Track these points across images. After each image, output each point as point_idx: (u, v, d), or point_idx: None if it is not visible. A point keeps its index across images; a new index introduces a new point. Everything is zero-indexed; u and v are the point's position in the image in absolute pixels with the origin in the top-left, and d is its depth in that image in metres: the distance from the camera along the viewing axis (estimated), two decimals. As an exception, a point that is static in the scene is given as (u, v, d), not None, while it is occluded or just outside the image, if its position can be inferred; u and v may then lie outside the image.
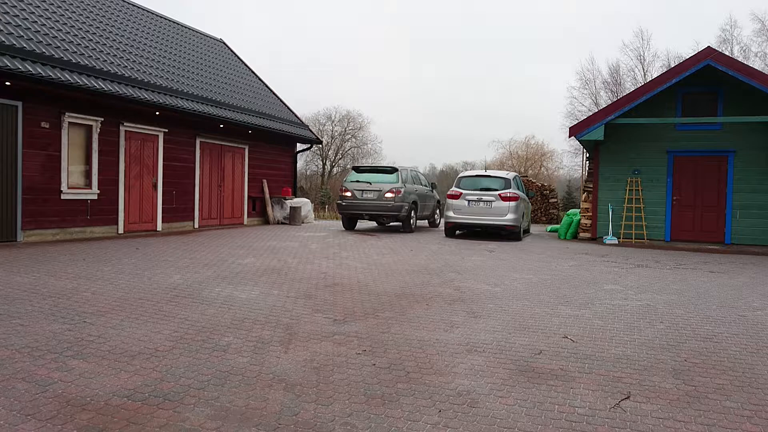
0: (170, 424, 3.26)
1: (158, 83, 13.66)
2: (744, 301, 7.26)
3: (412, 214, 15.74)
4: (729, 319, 6.22)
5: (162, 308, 5.95)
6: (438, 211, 18.61)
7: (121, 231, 12.83)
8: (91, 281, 7.19)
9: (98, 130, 12.20)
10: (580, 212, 16.17)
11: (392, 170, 15.34)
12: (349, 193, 15.16)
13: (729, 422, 3.50)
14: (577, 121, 18.52)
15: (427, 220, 18.13)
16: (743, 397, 3.92)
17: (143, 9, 17.54)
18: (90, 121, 12.02)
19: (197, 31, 19.85)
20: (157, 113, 13.48)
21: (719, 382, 4.19)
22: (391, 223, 16.72)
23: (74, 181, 11.82)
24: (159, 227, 13.92)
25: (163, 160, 14.05)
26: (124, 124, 12.83)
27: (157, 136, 13.86)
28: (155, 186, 13.81)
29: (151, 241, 11.88)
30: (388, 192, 14.75)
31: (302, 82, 74.88)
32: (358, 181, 15.20)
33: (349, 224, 16.12)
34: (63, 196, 11.47)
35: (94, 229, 12.22)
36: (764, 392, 4.01)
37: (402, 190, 14.85)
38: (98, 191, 12.25)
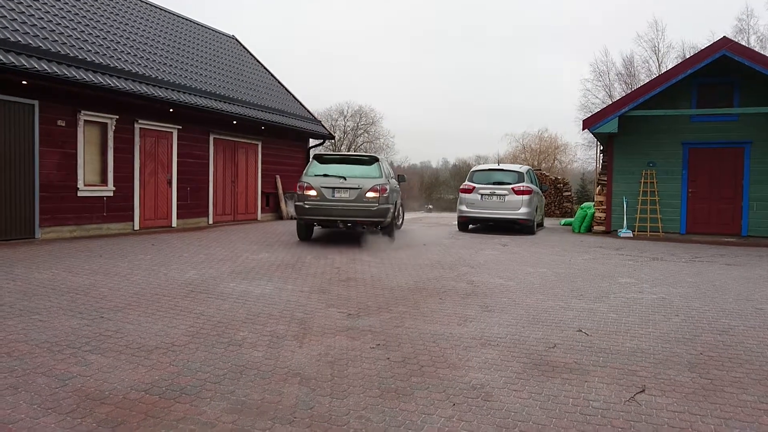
0: (187, 418, 3.30)
1: (172, 80, 13.75)
2: (761, 294, 7.19)
3: (397, 217, 12.49)
4: (746, 312, 6.17)
5: (178, 303, 6.02)
6: (401, 211, 14.75)
7: (136, 227, 12.96)
8: (108, 277, 7.29)
9: (113, 127, 12.31)
10: (594, 205, 16.07)
11: (371, 160, 11.65)
12: (313, 192, 10.96)
13: (746, 415, 3.47)
14: (590, 114, 18.39)
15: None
16: (760, 390, 3.89)
17: (155, 6, 17.64)
18: (105, 118, 12.13)
19: (209, 28, 19.93)
20: (171, 110, 13.57)
21: (736, 375, 4.16)
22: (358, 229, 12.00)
23: (90, 178, 11.94)
24: (174, 223, 14.04)
25: (178, 157, 14.15)
26: (139, 121, 12.94)
27: (171, 133, 13.96)
28: (170, 182, 13.92)
29: (167, 237, 11.99)
30: (369, 191, 10.93)
31: (313, 77, 74.94)
32: (326, 176, 11.14)
33: (306, 233, 11.92)
34: (79, 194, 11.60)
35: (110, 225, 12.35)
36: (781, 385, 3.97)
37: (387, 187, 11.21)
38: (114, 188, 12.38)
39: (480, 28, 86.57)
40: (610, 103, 18.05)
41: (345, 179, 11.04)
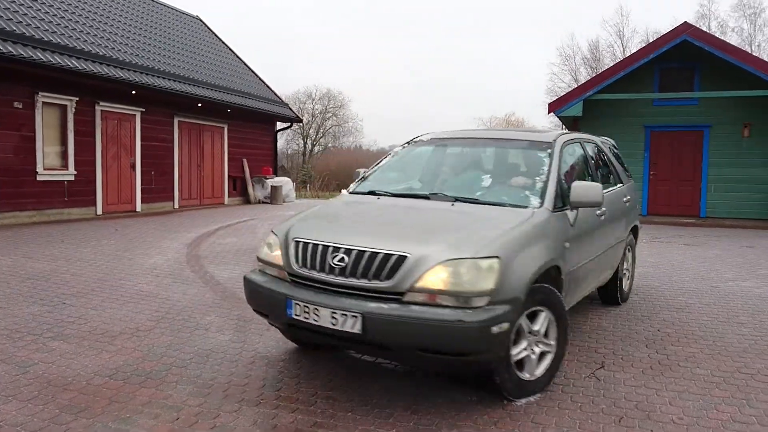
0: (153, 402, 3.29)
1: (134, 61, 13.41)
2: (717, 273, 7.44)
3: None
4: (702, 290, 6.39)
5: (142, 289, 5.95)
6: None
7: (99, 212, 12.68)
8: (70, 263, 7.14)
9: (73, 110, 11.97)
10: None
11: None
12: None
13: (698, 388, 3.62)
14: (556, 98, 18.60)
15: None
16: (713, 364, 4.05)
17: (116, -15, 17.11)
18: (64, 100, 11.79)
19: (172, 8, 19.46)
20: (134, 92, 13.26)
21: (690, 351, 4.33)
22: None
23: (50, 162, 11.62)
24: (138, 208, 13.79)
25: (141, 140, 13.85)
26: (100, 103, 12.61)
27: (134, 115, 13.65)
28: (133, 166, 13.65)
29: (131, 222, 11.78)
30: None
31: (280, 60, 73.93)
32: None
33: None
34: (39, 178, 11.28)
35: (72, 210, 12.07)
36: (733, 359, 4.15)
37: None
38: (75, 172, 12.07)
39: (448, 11, 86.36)
40: (576, 86, 18.29)
41: None
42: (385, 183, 4.59)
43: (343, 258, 3.31)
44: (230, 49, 20.64)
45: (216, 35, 20.80)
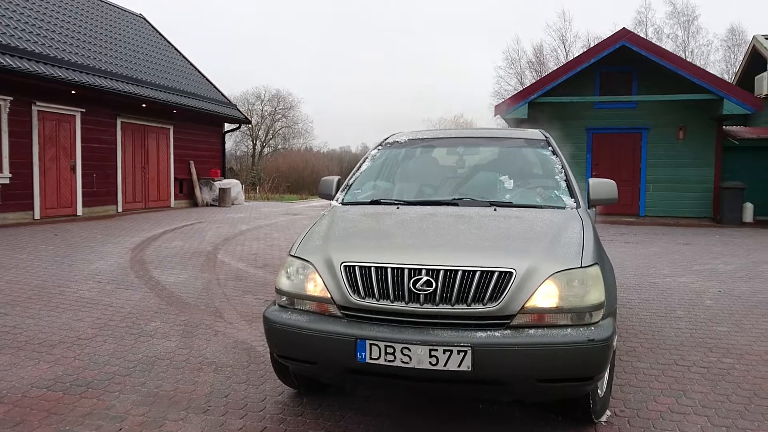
0: (95, 413, 3.18)
1: (73, 60, 12.93)
2: (655, 269, 7.75)
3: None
4: (641, 286, 6.63)
5: (83, 295, 5.74)
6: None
7: (37, 217, 12.17)
8: (4, 270, 6.82)
9: (7, 110, 11.44)
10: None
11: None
12: None
13: (638, 381, 3.76)
14: (503, 100, 18.97)
15: None
16: (652, 358, 4.22)
17: (53, -20, 16.46)
18: (-2, 100, 11.27)
19: (115, 6, 18.88)
20: (73, 92, 12.78)
21: (631, 345, 4.49)
22: None
23: (-18, 164, 11.08)
24: (79, 212, 13.30)
25: (82, 142, 13.36)
26: (37, 103, 12.09)
27: (74, 116, 13.16)
28: (74, 169, 13.15)
29: (71, 226, 11.35)
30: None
31: (228, 60, 72.71)
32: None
33: None
34: (-30, 181, 10.75)
35: (7, 215, 11.53)
36: (671, 353, 4.33)
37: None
38: (10, 175, 11.54)
39: (396, 12, 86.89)
40: (521, 89, 18.71)
41: None
42: (382, 190, 4.07)
43: (428, 281, 2.72)
44: (175, 49, 20.17)
45: (160, 34, 20.29)
